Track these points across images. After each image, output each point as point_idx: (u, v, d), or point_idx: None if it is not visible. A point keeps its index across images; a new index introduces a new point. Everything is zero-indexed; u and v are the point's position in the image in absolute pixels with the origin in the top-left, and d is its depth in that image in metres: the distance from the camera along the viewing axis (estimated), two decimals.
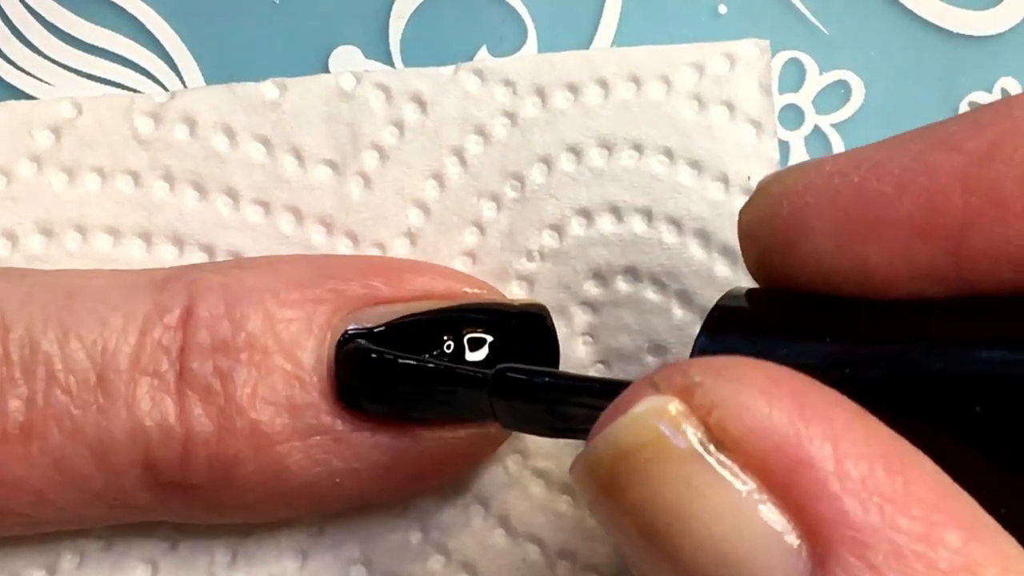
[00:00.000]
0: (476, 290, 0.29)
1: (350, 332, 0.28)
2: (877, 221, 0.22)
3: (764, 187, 0.25)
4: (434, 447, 0.28)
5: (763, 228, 0.24)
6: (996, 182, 0.21)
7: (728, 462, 0.18)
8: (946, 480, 0.18)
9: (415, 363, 0.27)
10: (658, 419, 0.19)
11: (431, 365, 0.27)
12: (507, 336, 0.28)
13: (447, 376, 0.27)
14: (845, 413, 0.19)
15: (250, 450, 0.27)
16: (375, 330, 0.28)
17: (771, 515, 0.18)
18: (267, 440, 0.27)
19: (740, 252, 0.30)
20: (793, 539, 0.18)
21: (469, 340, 0.28)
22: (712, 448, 0.19)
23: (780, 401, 0.19)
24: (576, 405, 0.25)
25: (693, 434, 0.19)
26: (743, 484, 0.18)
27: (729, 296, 0.25)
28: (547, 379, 0.25)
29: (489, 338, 0.28)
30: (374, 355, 0.27)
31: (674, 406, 0.19)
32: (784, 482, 0.18)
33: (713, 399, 0.19)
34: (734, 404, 0.19)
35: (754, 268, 0.25)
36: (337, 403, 0.27)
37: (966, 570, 0.17)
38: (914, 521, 0.18)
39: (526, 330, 0.29)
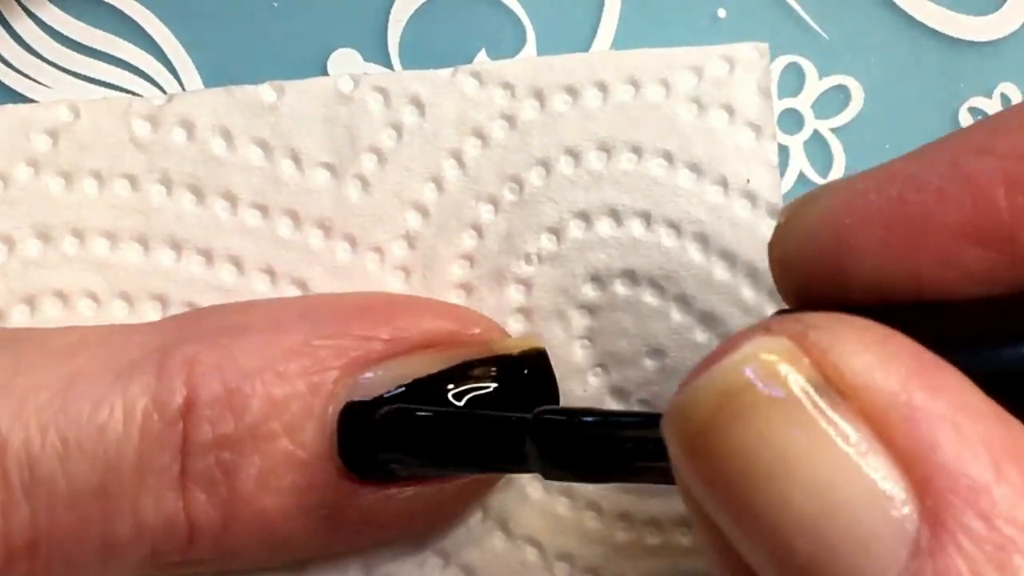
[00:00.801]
0: (476, 329, 0.29)
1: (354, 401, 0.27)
2: (923, 231, 0.22)
3: (793, 216, 0.24)
4: (436, 499, 0.29)
5: (802, 257, 0.24)
6: None
7: (840, 407, 0.18)
8: None
9: (449, 414, 0.27)
10: (770, 356, 0.19)
11: (464, 415, 0.27)
12: (510, 384, 0.28)
13: (481, 425, 0.27)
14: (956, 374, 0.18)
15: (256, 533, 0.27)
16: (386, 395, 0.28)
17: (881, 465, 0.18)
18: (273, 524, 0.27)
19: (738, 257, 0.30)
20: (901, 491, 0.18)
21: (472, 398, 0.28)
22: (824, 393, 0.18)
23: (897, 352, 0.18)
24: (621, 440, 0.24)
25: (806, 377, 0.18)
26: (854, 431, 0.18)
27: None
28: (588, 418, 0.25)
29: (493, 386, 0.28)
30: (404, 413, 0.27)
31: (787, 346, 0.19)
32: (898, 431, 0.18)
33: (829, 343, 0.19)
34: (851, 350, 0.18)
35: (795, 299, 0.25)
36: (342, 474, 0.27)
37: None
38: None
39: (528, 375, 0.29)
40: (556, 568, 0.31)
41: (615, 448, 0.24)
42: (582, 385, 0.31)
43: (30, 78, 0.32)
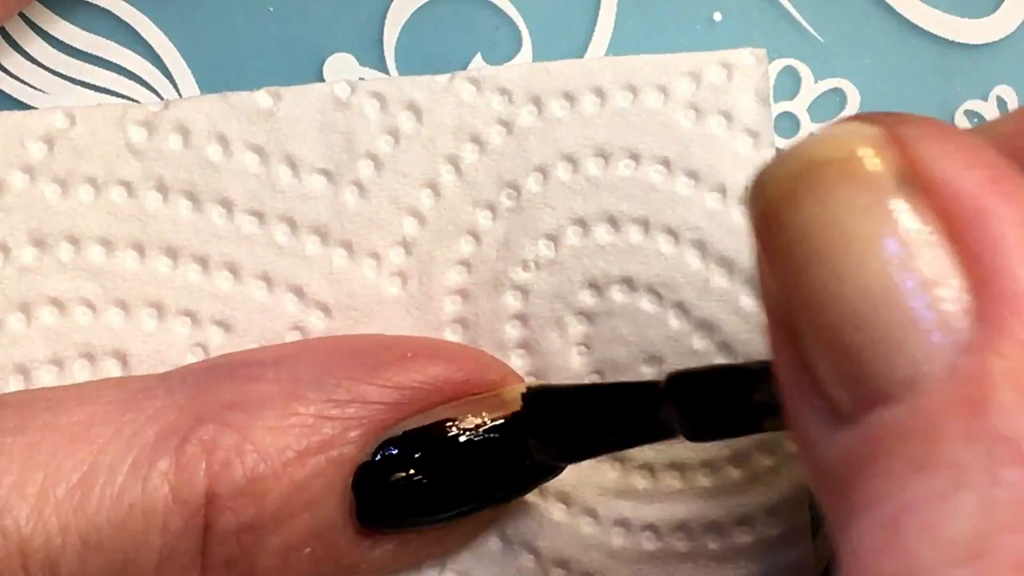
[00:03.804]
0: (488, 375, 0.29)
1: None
2: None
3: None
4: (449, 537, 0.29)
5: None
6: None
7: (915, 197, 0.18)
8: None
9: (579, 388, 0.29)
10: (857, 139, 0.19)
11: (595, 387, 0.29)
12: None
13: (614, 394, 0.28)
14: None
15: None
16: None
17: (943, 258, 0.18)
18: None
19: (736, 264, 0.30)
20: (958, 287, 0.18)
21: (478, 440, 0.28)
22: (902, 182, 0.19)
23: (982, 159, 0.19)
24: (760, 391, 0.25)
25: (888, 163, 0.19)
26: (923, 223, 0.18)
27: None
28: (722, 368, 0.26)
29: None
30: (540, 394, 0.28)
31: (879, 131, 0.19)
32: (966, 228, 0.18)
33: (917, 137, 0.19)
34: (937, 147, 0.19)
35: None
36: (359, 533, 0.27)
37: None
38: None
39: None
40: (552, 574, 0.31)
41: (755, 398, 0.25)
42: None
43: (27, 83, 0.32)
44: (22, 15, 0.32)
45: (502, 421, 0.28)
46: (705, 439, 0.27)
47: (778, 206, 0.19)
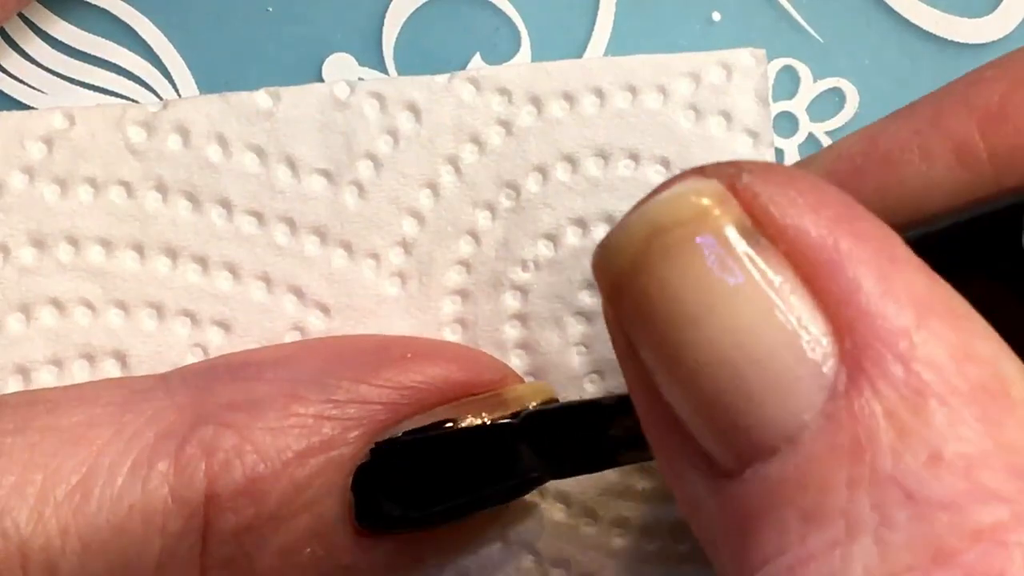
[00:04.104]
0: (487, 375, 0.29)
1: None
2: (910, 189, 0.22)
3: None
4: (448, 538, 0.29)
5: None
6: (1017, 130, 0.22)
7: (766, 250, 0.18)
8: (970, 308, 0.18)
9: (440, 434, 0.27)
10: (700, 197, 0.19)
11: (452, 432, 0.27)
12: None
13: (475, 437, 0.27)
14: (883, 227, 0.19)
15: None
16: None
17: (802, 308, 0.18)
18: None
19: None
20: (821, 334, 0.18)
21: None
22: (751, 236, 0.18)
23: (827, 200, 0.19)
24: (616, 426, 0.25)
25: (734, 218, 0.19)
26: (778, 274, 0.18)
27: None
28: (576, 407, 0.26)
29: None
30: (402, 444, 0.27)
31: (719, 187, 0.19)
32: (822, 274, 0.18)
33: (761, 188, 0.19)
34: (781, 194, 0.19)
35: None
36: (359, 533, 0.27)
37: (995, 378, 0.17)
38: (951, 330, 0.18)
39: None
40: (552, 574, 0.30)
41: (610, 434, 0.25)
42: (578, 392, 0.31)
43: (26, 84, 0.32)
44: (21, 16, 0.32)
45: (502, 422, 0.28)
46: (564, 476, 0.27)
47: (630, 274, 0.19)
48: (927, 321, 0.18)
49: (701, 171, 0.19)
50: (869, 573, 0.17)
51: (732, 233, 0.18)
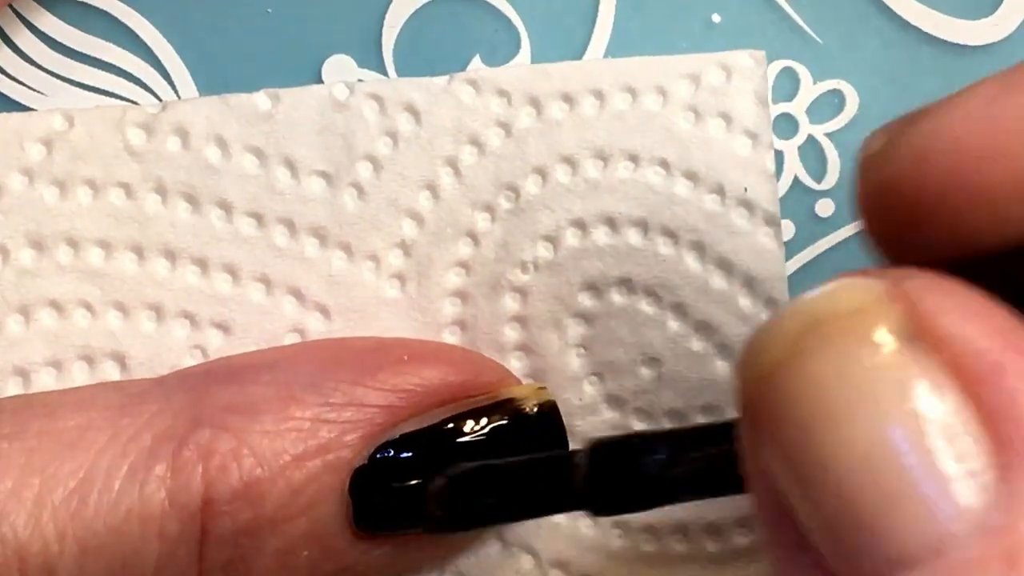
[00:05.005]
0: (485, 377, 0.29)
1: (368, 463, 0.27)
2: None
3: (900, 135, 0.21)
4: (447, 540, 0.29)
5: (916, 175, 0.21)
6: None
7: (927, 355, 0.18)
8: None
9: (499, 466, 0.26)
10: (864, 293, 0.18)
11: (512, 465, 0.26)
12: (523, 441, 0.28)
13: (532, 470, 0.26)
14: None
15: None
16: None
17: (964, 415, 0.17)
18: None
19: (735, 265, 0.30)
20: (979, 444, 0.17)
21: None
22: (911, 339, 0.18)
23: (991, 314, 0.18)
24: (691, 460, 0.23)
25: (896, 320, 0.18)
26: (939, 378, 0.17)
27: None
28: (648, 438, 0.24)
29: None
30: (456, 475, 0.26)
31: (881, 289, 0.18)
32: (985, 385, 0.17)
33: (924, 294, 0.18)
34: (945, 303, 0.18)
35: (896, 225, 0.22)
36: (356, 536, 0.27)
37: None
38: None
39: (541, 431, 0.29)
40: (551, 575, 0.31)
41: (684, 470, 0.24)
42: (577, 394, 0.31)
43: (25, 85, 0.32)
44: (21, 17, 0.32)
45: (499, 423, 0.28)
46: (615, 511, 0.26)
47: (778, 367, 0.18)
48: None
49: (867, 272, 0.19)
50: None
51: (894, 333, 0.18)
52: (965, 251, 0.21)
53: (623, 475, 0.24)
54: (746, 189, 0.30)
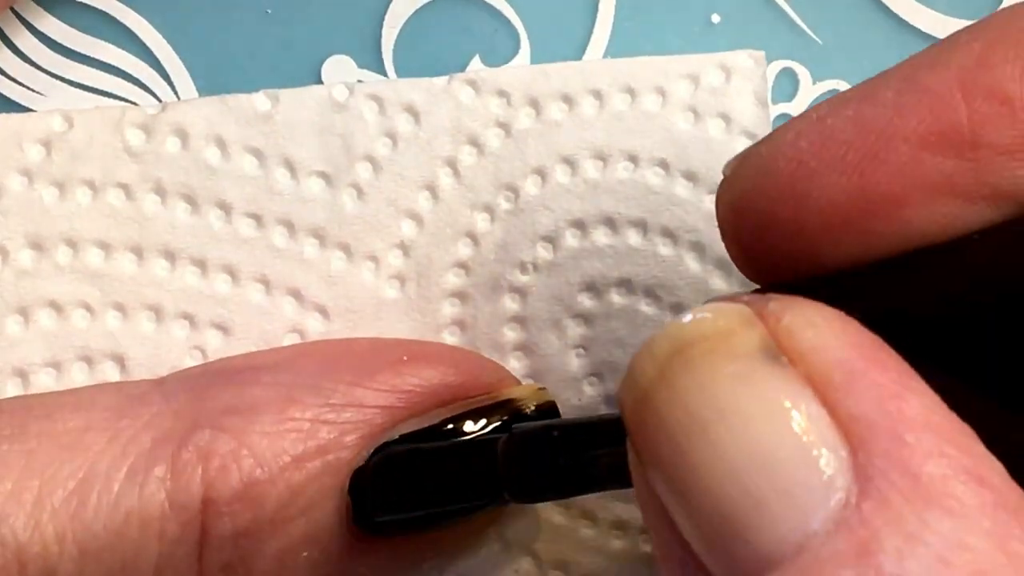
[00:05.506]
0: (483, 378, 0.29)
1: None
2: (882, 144, 0.22)
3: (746, 158, 0.24)
4: (447, 540, 0.29)
5: (759, 191, 0.23)
6: (996, 83, 0.21)
7: (786, 369, 0.19)
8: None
9: (426, 450, 0.27)
10: (729, 315, 0.19)
11: (439, 449, 0.27)
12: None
13: (458, 455, 0.27)
14: (900, 360, 0.19)
15: None
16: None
17: (819, 421, 0.18)
18: None
19: (734, 266, 0.30)
20: (835, 448, 0.18)
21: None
22: (772, 355, 0.19)
23: (848, 330, 0.19)
24: (603, 454, 0.25)
25: (758, 338, 0.19)
26: (796, 389, 0.19)
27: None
28: (556, 430, 0.26)
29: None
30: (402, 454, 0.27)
31: (745, 310, 0.20)
32: (839, 390, 0.18)
33: (784, 312, 0.19)
34: (804, 319, 0.19)
35: (744, 255, 0.25)
36: (355, 536, 0.27)
37: (1003, 498, 0.18)
38: (961, 453, 0.18)
39: None
40: None
41: (593, 461, 0.25)
42: (577, 395, 0.31)
43: (25, 86, 0.32)
44: (20, 18, 0.32)
45: (499, 424, 0.28)
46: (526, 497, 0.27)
47: (651, 388, 0.19)
48: (937, 443, 0.18)
49: (732, 297, 0.20)
50: None
51: (754, 350, 0.19)
52: (815, 266, 0.23)
53: (534, 465, 0.26)
54: None
